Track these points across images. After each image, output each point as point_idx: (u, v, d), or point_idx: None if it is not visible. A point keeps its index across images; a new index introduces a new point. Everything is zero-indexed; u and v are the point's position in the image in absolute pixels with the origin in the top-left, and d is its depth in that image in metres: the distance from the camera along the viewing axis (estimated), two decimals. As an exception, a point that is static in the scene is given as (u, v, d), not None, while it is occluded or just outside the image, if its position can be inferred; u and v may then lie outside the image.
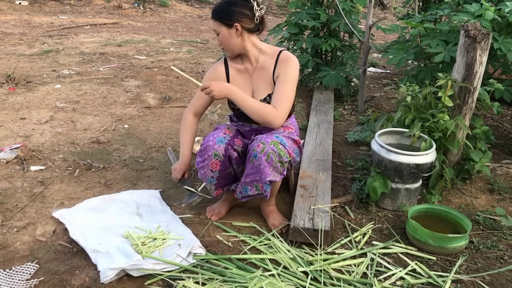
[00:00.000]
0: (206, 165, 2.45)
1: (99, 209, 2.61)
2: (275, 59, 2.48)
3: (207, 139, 2.45)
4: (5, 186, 2.92)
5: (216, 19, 2.38)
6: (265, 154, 2.32)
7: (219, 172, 2.47)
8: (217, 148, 2.41)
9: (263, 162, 2.33)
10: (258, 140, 2.37)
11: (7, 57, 6.04)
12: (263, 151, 2.32)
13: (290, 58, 2.46)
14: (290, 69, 2.44)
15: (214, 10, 2.39)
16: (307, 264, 2.25)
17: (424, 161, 2.62)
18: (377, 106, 4.75)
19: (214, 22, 2.39)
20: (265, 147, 2.32)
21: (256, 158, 2.34)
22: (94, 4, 11.24)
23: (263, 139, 2.37)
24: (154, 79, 5.37)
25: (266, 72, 2.50)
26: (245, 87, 2.54)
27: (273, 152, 2.33)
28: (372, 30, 4.35)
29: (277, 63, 2.47)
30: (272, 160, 2.33)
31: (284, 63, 2.45)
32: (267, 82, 2.51)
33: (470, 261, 2.36)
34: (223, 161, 2.45)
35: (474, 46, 2.64)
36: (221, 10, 2.36)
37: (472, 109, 2.85)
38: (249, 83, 2.55)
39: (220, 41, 2.45)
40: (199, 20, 10.92)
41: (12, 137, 3.62)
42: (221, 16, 2.36)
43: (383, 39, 8.56)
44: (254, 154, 2.35)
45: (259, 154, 2.33)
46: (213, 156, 2.42)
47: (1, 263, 2.22)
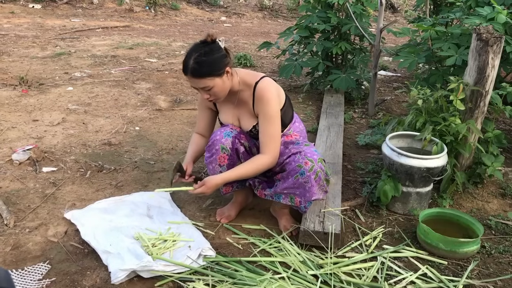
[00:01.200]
0: (214, 160, 2.47)
1: (110, 211, 2.63)
2: (252, 93, 2.41)
3: (215, 134, 2.47)
4: (17, 187, 2.95)
5: (203, 77, 2.24)
6: (314, 172, 2.32)
7: (227, 167, 2.48)
8: (224, 141, 2.43)
9: (311, 181, 2.33)
10: (304, 157, 2.34)
11: (20, 60, 6.10)
12: (312, 169, 2.32)
13: (265, 95, 2.35)
14: (267, 108, 2.35)
15: (195, 69, 2.23)
16: (317, 267, 2.25)
17: (435, 165, 2.61)
18: (388, 110, 4.73)
19: (201, 80, 2.25)
20: (314, 166, 2.32)
21: (304, 176, 2.33)
22: (106, 7, 11.32)
23: (309, 155, 2.35)
24: (165, 82, 5.40)
25: (247, 106, 2.47)
26: (231, 115, 2.54)
27: (321, 171, 2.35)
28: (383, 33, 4.34)
29: (254, 99, 2.41)
30: (320, 179, 2.36)
31: (261, 102, 2.36)
32: (250, 114, 2.48)
33: (482, 266, 2.34)
34: (230, 155, 2.46)
35: (486, 49, 2.62)
36: (205, 65, 2.23)
37: (484, 113, 2.83)
38: (235, 112, 2.53)
39: (214, 94, 2.32)
40: (210, 23, 10.96)
41: (24, 138, 3.65)
42: (208, 71, 2.23)
43: (394, 42, 8.53)
44: (301, 171, 2.33)
45: (307, 172, 2.32)
46: (221, 150, 2.44)
47: (14, 263, 2.25)
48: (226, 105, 2.53)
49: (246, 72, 2.48)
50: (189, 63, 2.23)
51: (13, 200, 2.79)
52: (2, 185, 2.96)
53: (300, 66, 4.75)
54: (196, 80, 2.26)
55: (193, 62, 2.23)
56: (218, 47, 2.28)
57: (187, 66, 2.24)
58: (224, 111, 2.56)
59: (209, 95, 2.33)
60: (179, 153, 3.52)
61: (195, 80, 2.27)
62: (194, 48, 2.28)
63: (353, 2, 4.70)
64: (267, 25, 11.25)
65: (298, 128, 2.62)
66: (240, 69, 2.49)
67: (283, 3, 13.26)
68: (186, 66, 2.25)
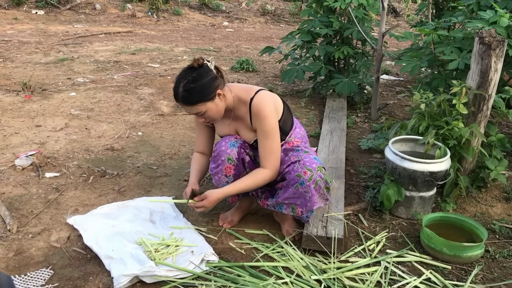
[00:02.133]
0: (220, 171, 2.45)
1: (113, 216, 2.63)
2: (249, 109, 2.39)
3: (219, 145, 2.45)
4: (20, 192, 2.96)
5: (194, 104, 2.24)
6: (314, 181, 2.31)
7: (234, 177, 2.47)
8: (230, 152, 2.42)
9: (311, 190, 2.32)
10: (302, 166, 2.33)
11: (24, 66, 6.13)
12: (311, 179, 2.31)
13: (261, 111, 2.33)
14: (264, 124, 2.33)
15: (184, 97, 2.23)
16: (321, 272, 2.24)
17: (439, 169, 2.60)
18: (391, 114, 4.73)
19: (193, 107, 2.26)
20: (313, 175, 2.31)
21: (303, 185, 2.32)
22: (109, 13, 11.37)
23: (308, 164, 2.33)
24: (167, 87, 5.40)
25: (244, 121, 2.46)
26: (228, 130, 2.53)
27: (320, 180, 2.33)
28: (385, 38, 4.34)
29: (251, 115, 2.39)
30: (320, 188, 2.34)
31: (257, 119, 2.35)
32: (249, 129, 2.47)
33: (486, 271, 2.33)
34: (237, 165, 2.45)
35: (489, 53, 2.62)
36: (194, 93, 2.22)
37: (487, 117, 2.83)
38: (232, 127, 2.52)
39: (209, 117, 2.33)
40: (212, 28, 10.99)
41: (27, 144, 3.66)
42: (198, 97, 2.23)
43: (396, 46, 8.54)
44: (300, 181, 2.32)
45: (307, 182, 2.31)
46: (227, 160, 2.42)
47: (17, 269, 2.24)
48: (223, 121, 2.51)
49: (240, 88, 2.44)
50: (178, 91, 2.24)
51: (16, 206, 2.80)
52: (5, 190, 2.96)
53: (303, 70, 4.76)
54: (187, 107, 2.28)
55: (182, 90, 2.23)
56: (206, 70, 2.26)
57: (177, 94, 2.25)
58: (222, 127, 2.54)
59: (204, 118, 2.36)
60: (182, 158, 3.52)
61: (186, 107, 2.28)
62: (182, 75, 2.27)
63: (355, 7, 4.70)
64: (269, 30, 11.27)
65: (299, 134, 2.60)
66: (233, 85, 2.46)
67: (285, 8, 13.29)
68: (176, 94, 2.26)
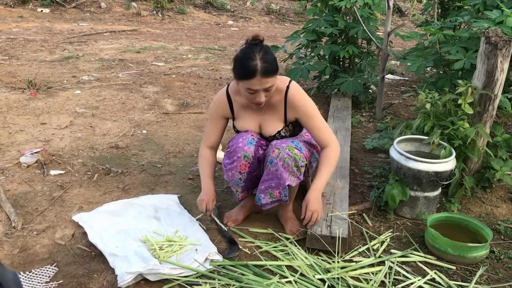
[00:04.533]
0: (234, 167, 2.45)
1: (118, 213, 2.63)
2: (284, 98, 2.40)
3: (236, 141, 2.44)
4: (25, 189, 2.97)
5: (273, 75, 2.23)
6: (281, 159, 2.32)
7: (247, 174, 2.47)
8: (247, 149, 2.41)
9: (280, 168, 2.33)
10: (273, 146, 2.37)
11: (29, 63, 6.15)
12: (278, 156, 2.32)
13: (301, 98, 2.41)
14: (308, 107, 2.41)
15: (266, 69, 2.19)
16: (325, 271, 2.24)
17: (444, 169, 2.59)
18: (396, 113, 4.72)
19: (270, 79, 2.22)
20: (280, 152, 2.32)
21: (272, 164, 2.34)
22: (114, 11, 11.39)
23: (277, 144, 2.37)
24: (172, 85, 5.41)
25: (276, 111, 2.45)
26: (252, 121, 2.51)
27: (288, 157, 2.33)
28: (390, 37, 4.33)
29: (286, 104, 2.41)
30: (288, 165, 2.33)
31: (299, 106, 2.40)
32: (277, 119, 2.47)
33: (491, 271, 2.32)
34: (252, 163, 2.45)
35: (495, 52, 2.61)
36: (273, 63, 2.22)
37: (493, 117, 2.82)
38: (257, 118, 2.51)
39: (270, 94, 2.31)
40: (217, 27, 10.99)
41: (32, 141, 3.67)
42: (275, 68, 2.23)
43: (401, 46, 8.51)
44: (270, 160, 2.36)
45: (275, 160, 2.33)
46: (243, 157, 2.42)
47: (21, 266, 2.25)
48: (249, 111, 2.49)
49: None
50: (256, 64, 2.17)
51: (21, 203, 2.81)
52: (10, 188, 2.97)
53: (307, 69, 4.75)
54: (265, 79, 2.21)
55: (262, 62, 2.18)
56: (268, 45, 2.29)
57: (255, 67, 2.17)
58: (245, 117, 2.51)
59: (266, 96, 2.30)
60: (186, 156, 3.52)
61: (264, 80, 2.21)
62: (252, 50, 2.21)
63: (360, 6, 4.69)
64: (274, 29, 11.26)
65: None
66: None
67: (290, 7, 13.28)
68: (254, 68, 2.17)
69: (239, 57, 2.24)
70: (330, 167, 2.43)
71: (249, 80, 2.21)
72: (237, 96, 2.47)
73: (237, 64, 2.25)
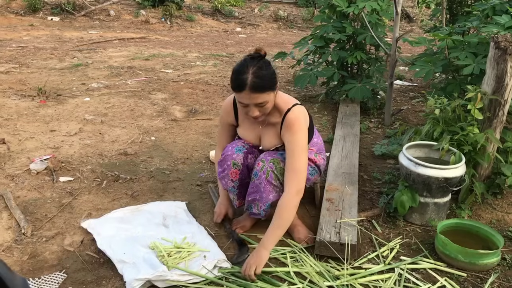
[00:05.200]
0: (226, 175, 2.48)
1: (127, 220, 2.64)
2: (282, 120, 2.37)
3: (226, 149, 2.48)
4: (35, 196, 2.98)
5: (263, 91, 2.19)
6: (264, 172, 2.33)
7: (239, 181, 2.50)
8: (236, 157, 2.44)
9: (263, 181, 2.34)
10: (259, 159, 2.39)
11: (39, 71, 6.20)
12: (262, 169, 2.34)
13: (295, 124, 2.31)
14: (296, 137, 2.30)
15: (255, 84, 2.15)
16: (334, 278, 2.22)
17: (454, 175, 2.57)
18: (404, 119, 4.70)
19: (260, 95, 2.19)
20: (264, 165, 2.33)
21: (257, 176, 2.36)
22: (123, 19, 11.46)
23: (263, 157, 2.38)
24: (180, 92, 5.43)
25: (274, 129, 2.44)
26: (252, 133, 2.51)
27: (271, 171, 2.32)
28: (398, 43, 4.32)
29: (282, 124, 2.36)
30: (272, 178, 2.33)
31: (289, 131, 2.32)
32: (276, 137, 2.45)
33: (503, 279, 2.29)
34: (241, 170, 2.47)
35: (505, 58, 2.59)
36: (265, 79, 2.18)
37: (503, 122, 2.79)
38: (257, 132, 2.51)
39: (265, 110, 2.27)
40: (225, 34, 11.03)
41: (42, 148, 3.70)
42: (268, 84, 2.20)
43: (409, 52, 8.49)
44: (254, 172, 2.38)
45: (259, 173, 2.35)
46: (232, 165, 2.45)
47: (31, 272, 2.26)
48: (251, 122, 2.47)
49: (279, 95, 2.38)
50: (246, 78, 2.15)
51: (30, 210, 2.82)
52: (20, 194, 2.99)
53: (316, 76, 4.75)
54: (255, 95, 2.18)
55: (253, 77, 2.15)
56: (267, 61, 2.25)
57: (245, 81, 2.15)
58: (247, 127, 2.52)
59: (259, 112, 2.26)
60: (195, 163, 3.53)
61: (253, 95, 2.18)
62: (246, 63, 2.20)
63: (368, 12, 4.69)
64: (282, 35, 11.28)
65: (315, 143, 2.64)
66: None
67: (298, 14, 13.30)
68: (243, 82, 2.16)
69: (234, 69, 2.24)
70: (285, 220, 2.29)
71: (238, 93, 2.21)
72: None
73: (232, 75, 2.24)
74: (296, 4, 14.18)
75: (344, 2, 4.61)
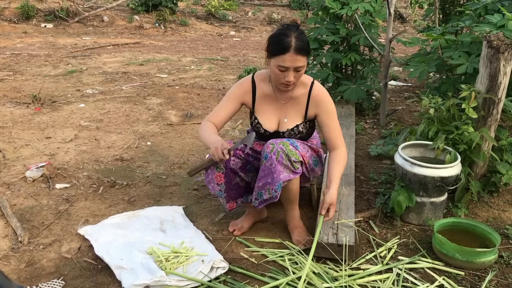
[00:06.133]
0: (211, 180, 2.50)
1: (124, 226, 2.63)
2: (308, 94, 2.46)
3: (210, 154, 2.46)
4: (31, 204, 2.97)
5: (305, 54, 2.27)
6: (275, 153, 2.32)
7: (226, 184, 2.50)
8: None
9: (274, 161, 2.32)
10: (268, 143, 2.39)
11: (33, 78, 6.19)
12: (272, 150, 2.33)
13: (325, 95, 2.48)
14: (330, 105, 2.48)
15: (300, 46, 2.24)
16: (332, 279, 2.22)
17: (449, 174, 2.58)
18: (400, 120, 4.71)
19: (302, 58, 2.26)
20: (274, 147, 2.34)
21: (267, 158, 2.34)
22: (116, 25, 11.46)
23: (272, 140, 2.39)
24: (175, 97, 5.43)
25: (298, 104, 2.49)
26: (272, 113, 2.52)
27: (282, 151, 2.33)
28: (392, 44, 4.34)
29: (309, 99, 2.46)
30: (282, 158, 2.32)
31: (322, 102, 2.47)
32: (298, 114, 2.51)
33: (500, 276, 2.30)
34: (226, 173, 2.48)
35: (498, 56, 2.61)
36: (307, 43, 2.27)
37: (497, 121, 2.81)
38: (278, 111, 2.52)
39: (299, 76, 2.35)
40: (219, 38, 11.04)
41: (38, 155, 3.69)
42: (308, 48, 2.28)
43: (403, 52, 8.52)
44: (264, 155, 2.36)
45: (269, 154, 2.33)
46: (216, 169, 2.46)
47: (28, 280, 2.25)
48: (270, 101, 2.51)
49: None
50: (291, 40, 2.22)
51: (27, 217, 2.81)
52: (16, 202, 2.98)
53: (310, 78, 4.74)
54: (298, 57, 2.25)
55: (297, 40, 2.24)
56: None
57: (289, 43, 2.22)
58: (266, 110, 2.53)
59: (294, 77, 2.32)
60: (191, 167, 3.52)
61: (296, 57, 2.24)
62: (288, 28, 2.28)
63: (361, 13, 4.70)
64: (276, 38, 11.28)
65: (315, 137, 2.73)
66: None
67: (292, 16, 13.32)
68: (288, 43, 2.22)
69: (275, 34, 2.31)
70: (341, 167, 2.46)
71: (282, 55, 2.26)
72: (263, 83, 2.52)
73: (272, 39, 2.30)
74: (290, 7, 14.21)
75: (337, 4, 4.62)
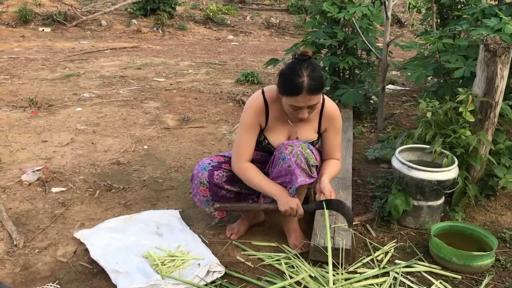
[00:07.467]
0: (197, 193, 2.51)
1: (120, 229, 2.62)
2: (320, 113, 2.43)
3: (195, 168, 2.50)
4: (27, 207, 2.96)
5: (318, 92, 2.21)
6: (294, 155, 2.29)
7: (212, 196, 2.50)
8: (201, 176, 2.45)
9: (293, 164, 2.29)
10: (285, 144, 2.35)
11: (30, 82, 6.17)
12: (292, 152, 2.30)
13: (336, 110, 2.48)
14: (340, 122, 2.50)
15: (312, 86, 2.16)
16: (329, 283, 2.21)
17: (446, 178, 2.57)
18: (397, 123, 4.71)
19: (316, 96, 2.21)
20: (294, 149, 2.30)
21: (285, 160, 2.31)
22: (114, 29, 11.46)
23: (290, 142, 2.36)
24: (173, 101, 5.42)
25: (310, 122, 2.44)
26: (282, 132, 2.47)
27: (301, 154, 2.30)
28: (390, 48, 4.34)
29: (322, 116, 2.44)
30: (301, 161, 2.30)
31: (333, 119, 2.46)
32: (311, 130, 2.48)
33: (497, 280, 2.29)
34: (210, 187, 2.48)
35: (495, 60, 2.61)
36: (319, 80, 2.18)
37: (495, 124, 2.81)
38: (288, 130, 2.47)
39: (314, 110, 2.31)
40: (217, 42, 11.05)
41: (34, 159, 3.67)
42: (322, 86, 2.20)
43: (401, 56, 8.54)
44: (282, 156, 2.32)
45: (288, 156, 2.30)
46: (199, 183, 2.47)
47: (23, 284, 2.24)
48: (282, 121, 2.43)
49: None
50: (303, 81, 2.14)
51: (22, 221, 2.79)
52: (12, 206, 2.97)
53: (308, 81, 4.74)
54: (311, 97, 2.19)
55: (309, 79, 2.15)
56: (315, 61, 2.28)
57: (301, 85, 2.14)
58: (278, 128, 2.45)
59: (308, 112, 2.27)
60: (188, 171, 3.51)
61: (309, 98, 2.18)
62: (298, 66, 2.18)
63: (359, 17, 4.71)
64: (274, 42, 11.32)
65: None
66: None
67: (290, 21, 13.35)
68: (300, 85, 2.15)
69: (286, 73, 2.21)
70: (333, 171, 2.49)
71: (294, 97, 2.19)
72: (275, 104, 2.39)
73: (283, 79, 2.22)
74: (288, 11, 14.24)
75: (335, 8, 4.62)
